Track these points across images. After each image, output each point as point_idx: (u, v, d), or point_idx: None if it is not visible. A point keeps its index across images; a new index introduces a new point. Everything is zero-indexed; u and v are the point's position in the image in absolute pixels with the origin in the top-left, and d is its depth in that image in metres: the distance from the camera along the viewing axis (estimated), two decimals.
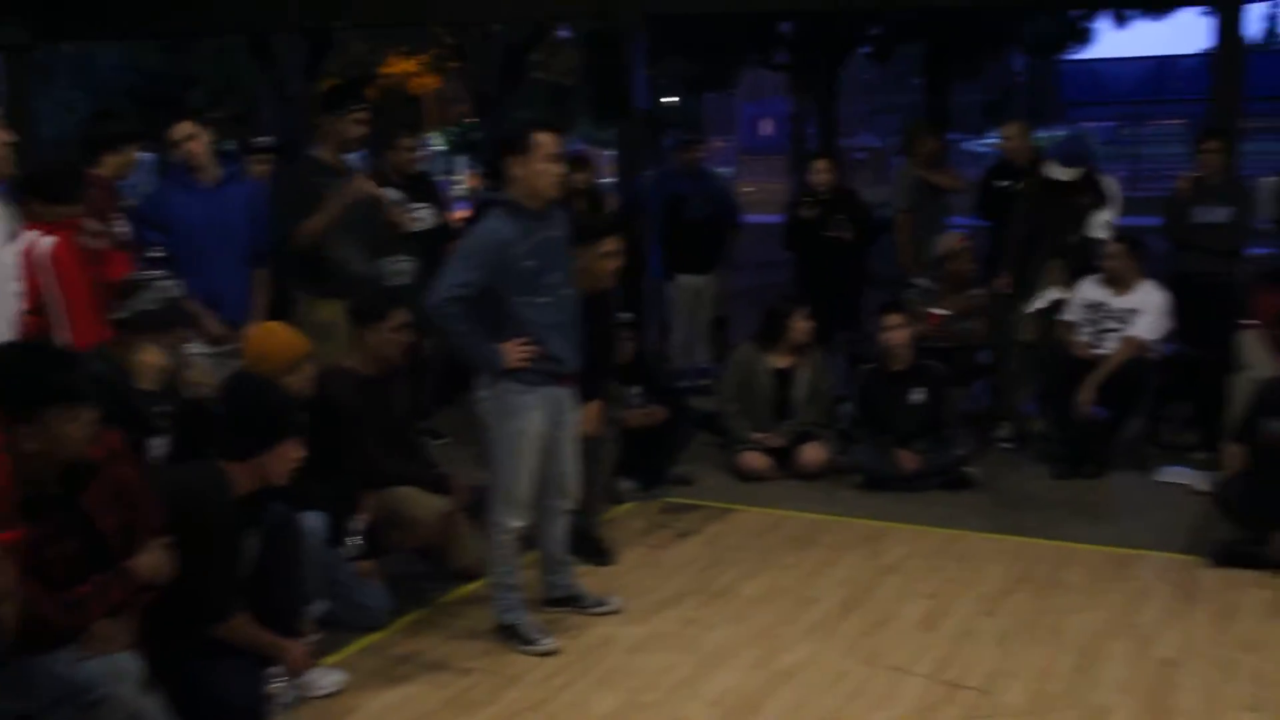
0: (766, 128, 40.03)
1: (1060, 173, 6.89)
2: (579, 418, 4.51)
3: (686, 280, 8.34)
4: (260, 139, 7.64)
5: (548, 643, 4.33)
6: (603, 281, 4.89)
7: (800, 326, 6.64)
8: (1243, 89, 8.12)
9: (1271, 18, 39.92)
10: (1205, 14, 7.82)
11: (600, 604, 4.67)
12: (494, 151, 4.42)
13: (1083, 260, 6.81)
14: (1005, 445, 7.02)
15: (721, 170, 28.61)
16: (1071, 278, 6.83)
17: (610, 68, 10.01)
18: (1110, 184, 7.14)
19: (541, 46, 22.99)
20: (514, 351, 4.18)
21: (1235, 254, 7.12)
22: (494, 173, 6.29)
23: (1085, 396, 6.43)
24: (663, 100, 25.11)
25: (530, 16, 13.70)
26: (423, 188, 7.31)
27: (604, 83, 13.68)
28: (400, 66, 25.11)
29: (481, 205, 6.50)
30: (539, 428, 4.29)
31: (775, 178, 28.29)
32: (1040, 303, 6.91)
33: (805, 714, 3.88)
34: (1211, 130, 7.45)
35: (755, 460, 6.51)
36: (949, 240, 7.23)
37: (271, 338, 4.63)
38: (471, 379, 4.34)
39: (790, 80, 24.49)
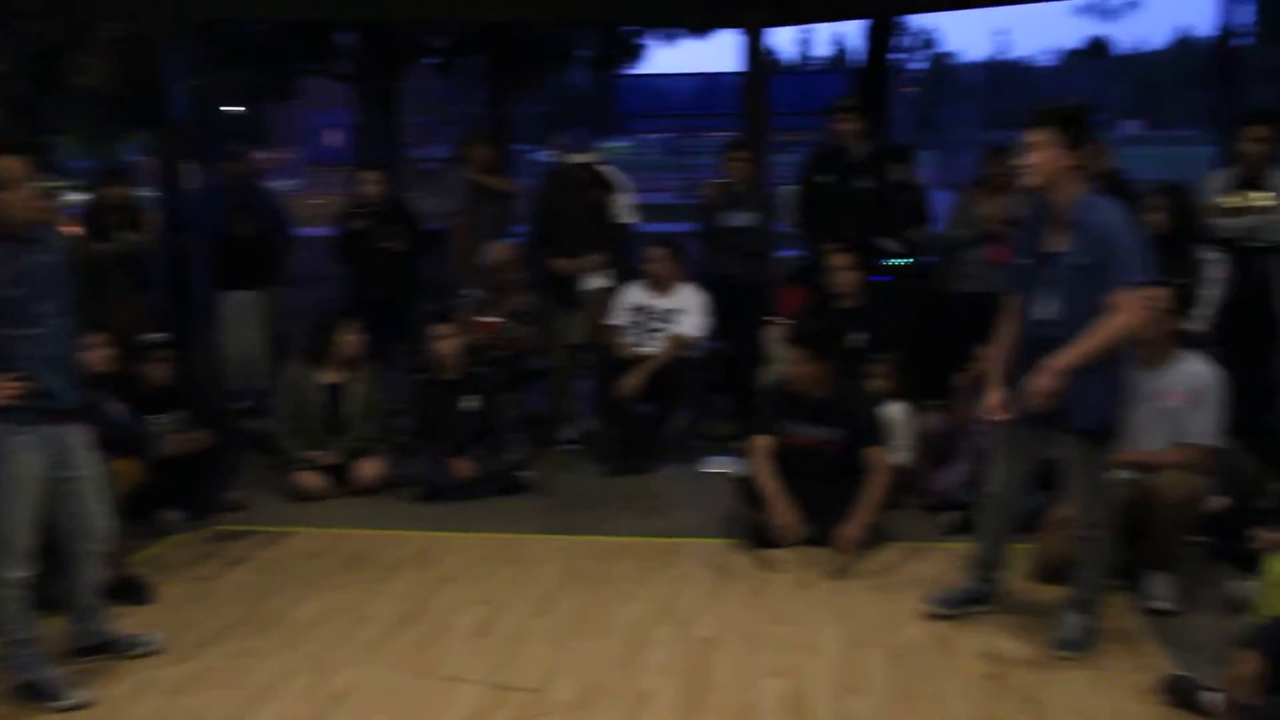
0: (334, 139, 39.18)
1: (576, 156, 7.22)
2: (92, 456, 4.18)
3: (238, 296, 8.00)
4: None
5: (77, 695, 4.00)
6: None
7: (349, 340, 6.53)
8: (769, 105, 8.79)
9: (804, 42, 43.71)
10: (738, 35, 8.40)
11: (136, 645, 4.37)
12: None
13: (618, 245, 7.16)
14: (568, 446, 7.22)
15: (288, 182, 27.77)
16: (614, 265, 7.15)
17: (143, 75, 9.44)
18: (613, 173, 7.54)
19: (82, 50, 21.35)
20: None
21: (762, 256, 7.65)
22: None
23: (628, 385, 6.72)
24: (225, 110, 24.03)
25: (59, 17, 12.70)
26: None
27: (137, 91, 12.79)
28: None
29: None
30: (37, 471, 3.94)
31: (342, 189, 27.79)
32: (594, 283, 7.19)
33: None
34: (739, 141, 7.99)
35: (310, 480, 6.34)
36: (497, 250, 7.35)
37: None
38: None
39: (353, 91, 24.11)
